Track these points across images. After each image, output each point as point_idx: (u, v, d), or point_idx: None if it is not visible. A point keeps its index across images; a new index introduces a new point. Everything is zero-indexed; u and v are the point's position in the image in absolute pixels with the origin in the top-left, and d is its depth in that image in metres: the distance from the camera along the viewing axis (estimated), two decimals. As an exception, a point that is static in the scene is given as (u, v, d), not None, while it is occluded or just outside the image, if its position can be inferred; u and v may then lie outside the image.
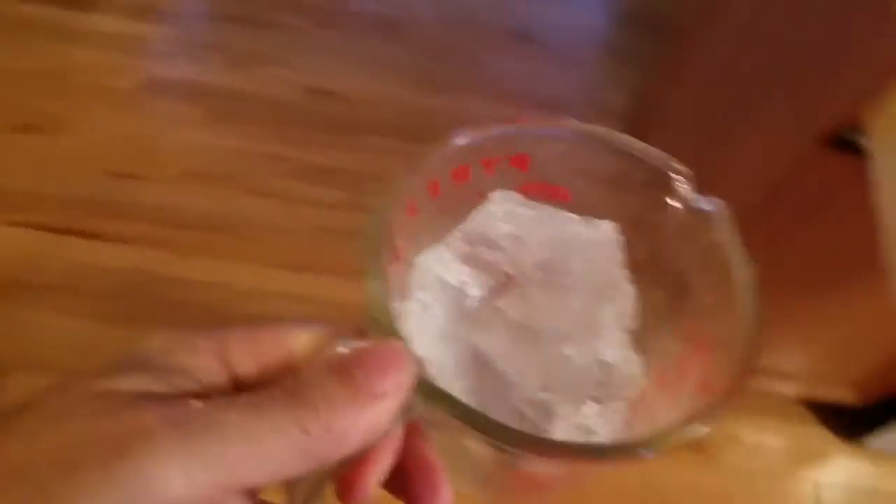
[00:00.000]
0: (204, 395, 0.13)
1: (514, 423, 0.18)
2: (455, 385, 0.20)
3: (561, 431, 0.19)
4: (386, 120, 0.81)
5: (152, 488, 0.11)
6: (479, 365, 0.20)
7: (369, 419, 0.13)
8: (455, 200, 0.21)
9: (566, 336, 0.19)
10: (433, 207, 0.21)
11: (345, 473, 0.15)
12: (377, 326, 0.15)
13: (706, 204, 0.19)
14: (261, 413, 0.13)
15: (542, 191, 0.22)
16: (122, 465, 0.11)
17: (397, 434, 0.16)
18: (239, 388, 0.14)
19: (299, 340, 0.15)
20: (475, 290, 0.20)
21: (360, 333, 0.16)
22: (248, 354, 0.14)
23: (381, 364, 0.14)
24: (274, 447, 0.12)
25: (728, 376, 0.16)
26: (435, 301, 0.20)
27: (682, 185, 0.19)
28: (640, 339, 0.20)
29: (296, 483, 0.15)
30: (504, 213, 0.20)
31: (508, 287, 0.20)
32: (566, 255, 0.20)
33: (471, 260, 0.20)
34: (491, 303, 0.20)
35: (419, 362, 0.15)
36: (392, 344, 0.15)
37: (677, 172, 0.20)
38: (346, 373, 0.14)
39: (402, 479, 0.16)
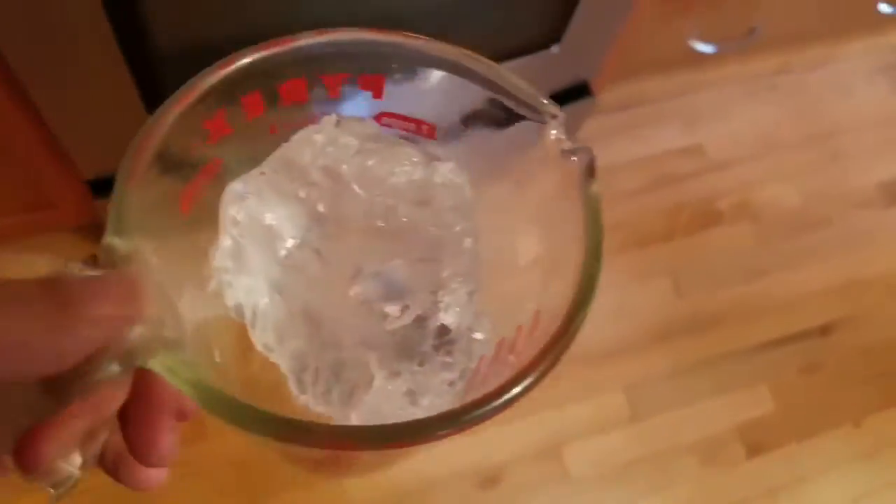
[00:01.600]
0: None
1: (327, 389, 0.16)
2: (280, 345, 0.18)
3: (378, 401, 0.17)
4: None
5: None
6: (298, 320, 0.18)
7: (68, 342, 0.11)
8: (288, 124, 0.18)
9: (389, 293, 0.17)
10: (257, 128, 0.17)
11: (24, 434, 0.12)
12: (109, 257, 0.13)
13: (578, 154, 0.16)
14: None
15: (404, 124, 0.19)
16: None
17: (107, 397, 0.13)
18: None
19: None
20: (289, 230, 0.17)
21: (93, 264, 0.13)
22: None
23: (103, 288, 0.12)
24: None
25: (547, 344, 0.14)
26: (249, 239, 0.18)
27: (557, 130, 0.17)
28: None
29: None
30: (325, 141, 0.17)
31: (325, 230, 0.17)
32: (395, 200, 0.17)
33: (284, 193, 0.17)
34: (304, 247, 0.17)
35: (161, 303, 0.13)
36: (125, 272, 0.12)
37: (552, 115, 0.17)
38: (53, 287, 0.11)
39: None
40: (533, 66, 0.58)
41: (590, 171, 0.16)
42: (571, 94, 0.65)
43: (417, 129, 0.19)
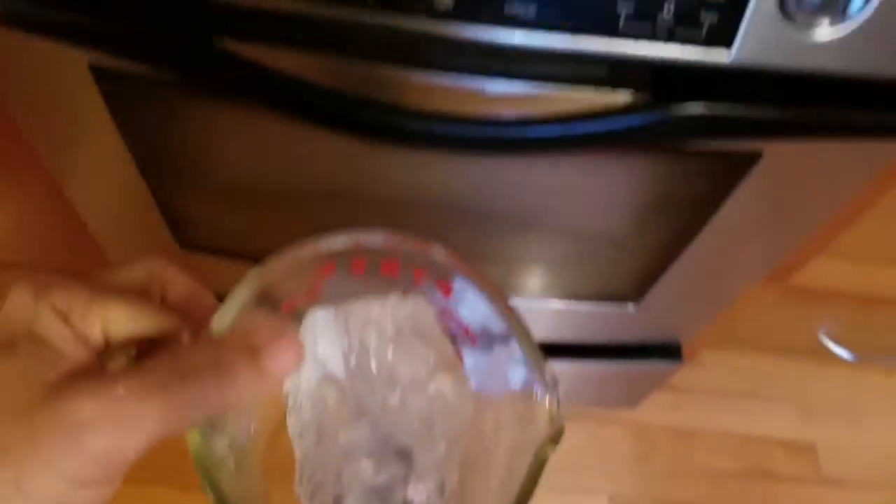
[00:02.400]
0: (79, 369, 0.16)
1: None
2: (298, 439, 0.22)
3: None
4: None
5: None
6: (311, 430, 0.23)
7: (259, 390, 0.18)
8: (376, 287, 0.25)
9: (371, 452, 0.21)
10: (351, 282, 0.24)
11: None
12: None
13: (557, 422, 0.20)
14: (185, 386, 0.16)
15: (456, 325, 0.25)
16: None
17: None
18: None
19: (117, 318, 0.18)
20: (330, 363, 0.23)
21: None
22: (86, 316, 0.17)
23: (282, 347, 0.18)
24: (190, 412, 0.16)
25: None
26: (307, 353, 0.23)
27: (551, 396, 0.21)
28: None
29: None
30: (375, 316, 0.23)
31: (349, 379, 0.23)
32: (396, 387, 0.22)
33: (335, 337, 0.23)
34: (333, 382, 0.23)
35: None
36: (291, 332, 0.19)
37: (552, 382, 0.21)
38: (254, 353, 0.18)
39: None
40: (604, 313, 0.53)
41: (554, 439, 0.19)
42: (656, 350, 0.58)
43: (465, 333, 0.25)
